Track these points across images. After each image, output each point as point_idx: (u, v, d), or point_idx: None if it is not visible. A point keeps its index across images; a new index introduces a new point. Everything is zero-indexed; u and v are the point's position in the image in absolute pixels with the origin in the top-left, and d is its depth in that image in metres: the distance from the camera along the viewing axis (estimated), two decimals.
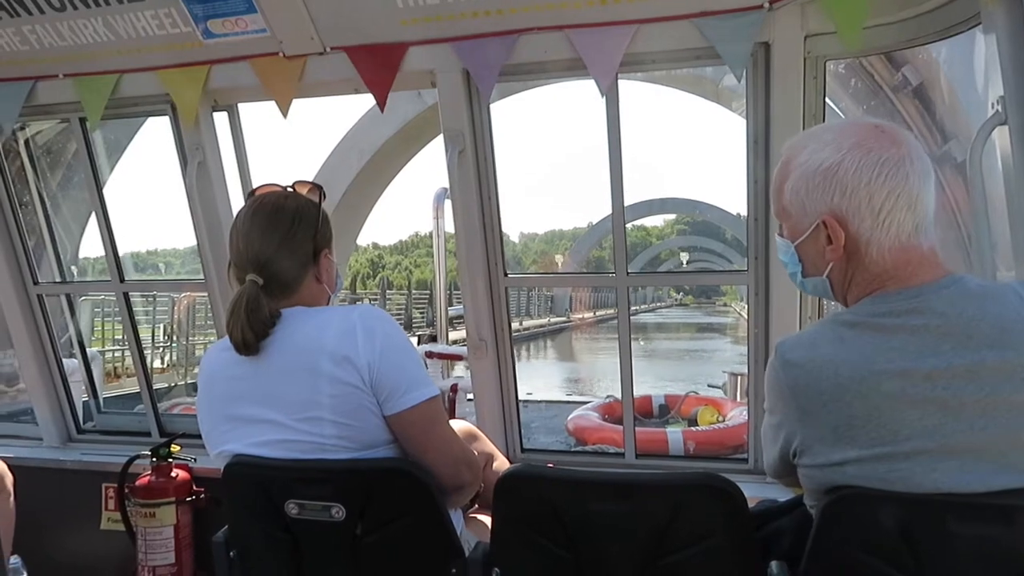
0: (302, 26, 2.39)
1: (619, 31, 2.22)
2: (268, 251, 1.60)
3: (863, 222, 1.28)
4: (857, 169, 1.27)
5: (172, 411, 4.77)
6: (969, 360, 1.18)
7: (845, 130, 1.33)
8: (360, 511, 1.47)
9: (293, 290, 1.62)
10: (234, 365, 1.57)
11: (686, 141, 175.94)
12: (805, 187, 1.32)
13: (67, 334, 3.69)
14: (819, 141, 1.33)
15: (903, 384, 1.19)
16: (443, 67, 2.41)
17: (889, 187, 1.26)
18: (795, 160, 1.35)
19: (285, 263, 1.61)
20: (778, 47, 2.17)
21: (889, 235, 1.27)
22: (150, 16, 2.47)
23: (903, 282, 1.27)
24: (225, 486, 1.57)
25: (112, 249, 3.08)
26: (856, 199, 1.27)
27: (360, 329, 1.51)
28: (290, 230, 1.63)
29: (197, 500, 2.83)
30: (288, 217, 1.64)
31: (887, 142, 1.29)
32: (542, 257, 75.20)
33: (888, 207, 1.26)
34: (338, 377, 1.49)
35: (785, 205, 1.38)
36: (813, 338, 1.29)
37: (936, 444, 1.18)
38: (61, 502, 3.14)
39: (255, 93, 2.67)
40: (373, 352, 1.51)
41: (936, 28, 2.05)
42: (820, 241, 1.33)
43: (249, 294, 1.55)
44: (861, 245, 1.29)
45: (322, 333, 1.52)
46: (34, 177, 3.51)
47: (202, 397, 1.66)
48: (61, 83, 2.76)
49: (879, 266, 1.29)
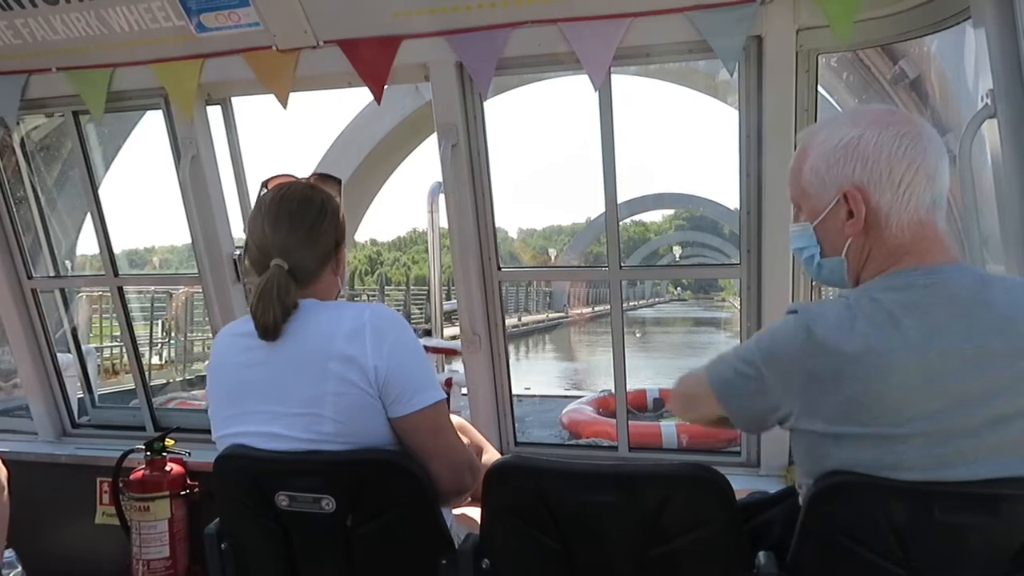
0: (295, 19, 2.39)
1: (612, 25, 2.23)
2: (293, 240, 1.61)
3: (883, 194, 1.30)
4: (878, 142, 1.30)
5: (167, 406, 4.78)
6: (976, 344, 1.19)
7: (861, 111, 1.38)
8: (351, 503, 1.48)
9: (311, 281, 1.63)
10: (246, 351, 1.58)
11: (684, 136, 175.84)
12: (826, 163, 1.34)
13: (62, 329, 3.68)
14: (836, 123, 1.37)
15: (916, 364, 1.19)
16: (436, 60, 2.42)
17: (910, 158, 1.28)
18: (813, 142, 1.38)
19: (309, 253, 1.62)
20: (770, 41, 2.18)
21: (909, 207, 1.29)
22: (143, 10, 2.47)
23: (919, 258, 1.30)
24: (216, 478, 1.58)
25: (106, 244, 3.08)
26: (877, 170, 1.30)
27: (370, 330, 1.51)
28: (316, 221, 1.64)
29: (191, 494, 2.83)
30: (315, 209, 1.66)
31: (903, 119, 1.32)
32: (541, 253, 75.10)
33: (908, 179, 1.29)
34: (344, 376, 1.49)
35: (804, 186, 1.39)
36: (838, 314, 1.26)
37: (935, 428, 1.19)
38: (56, 496, 3.14)
39: (249, 87, 2.67)
40: (381, 355, 1.51)
41: (927, 22, 2.06)
42: (840, 217, 1.34)
43: (279, 278, 1.56)
44: (881, 218, 1.31)
45: (333, 330, 1.52)
46: (28, 172, 3.50)
47: (211, 378, 1.66)
48: (54, 77, 2.76)
49: (897, 239, 1.31)
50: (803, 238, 1.43)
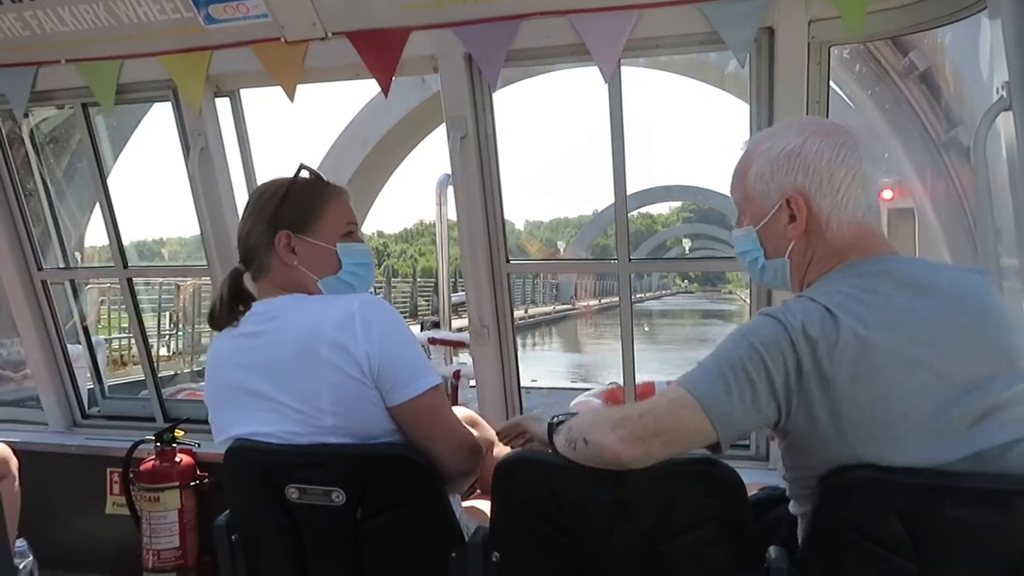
0: (304, 11, 2.38)
1: (622, 16, 2.21)
2: (242, 231, 1.68)
3: (824, 198, 1.38)
4: (819, 150, 1.38)
5: (176, 397, 4.79)
6: (939, 319, 1.26)
7: (804, 122, 1.46)
8: (360, 496, 1.48)
9: (264, 271, 1.65)
10: (240, 352, 1.58)
11: (692, 128, 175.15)
12: (770, 169, 1.41)
13: (71, 320, 3.70)
14: (780, 131, 1.45)
15: (895, 343, 1.23)
16: (445, 52, 2.41)
17: (847, 166, 1.37)
18: (758, 149, 1.44)
19: (253, 237, 1.66)
20: (782, 32, 2.16)
21: (847, 211, 1.37)
22: (151, 1, 2.46)
23: (863, 253, 1.36)
24: (226, 470, 1.58)
25: (116, 235, 3.09)
26: (818, 176, 1.37)
27: (359, 319, 1.50)
28: (253, 207, 1.68)
29: (201, 484, 2.85)
30: (250, 201, 1.71)
31: (844, 132, 1.41)
32: (548, 246, 74.99)
33: (847, 184, 1.37)
34: (337, 366, 1.48)
35: (748, 191, 1.46)
36: (811, 308, 1.27)
37: (927, 403, 1.21)
38: (66, 487, 3.17)
39: (257, 79, 2.67)
40: (371, 343, 1.49)
41: (941, 13, 2.04)
42: (783, 220, 1.41)
43: (229, 280, 1.65)
44: (822, 221, 1.38)
45: (321, 321, 1.51)
46: (38, 164, 3.52)
47: (209, 382, 1.67)
48: (63, 69, 2.77)
49: (840, 240, 1.38)
50: (747, 242, 1.49)
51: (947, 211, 5.56)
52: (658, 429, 1.27)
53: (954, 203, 5.38)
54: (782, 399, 1.26)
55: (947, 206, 5.51)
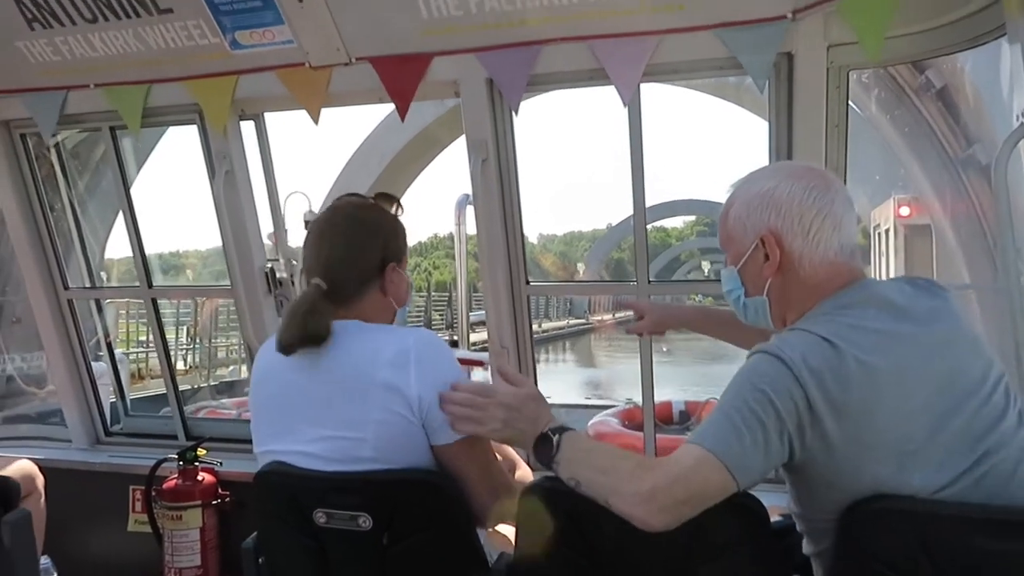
0: (328, 37, 2.43)
1: (642, 42, 2.24)
2: (335, 258, 1.62)
3: (795, 239, 1.45)
4: (790, 192, 1.45)
5: (197, 414, 4.83)
6: (926, 330, 1.33)
7: (780, 166, 1.57)
8: (387, 521, 1.49)
9: (353, 301, 1.63)
10: (290, 370, 1.58)
11: (706, 142, 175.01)
12: (746, 210, 1.50)
13: (95, 337, 3.75)
14: (758, 175, 1.53)
15: (895, 363, 1.28)
16: (467, 77, 2.44)
17: (817, 208, 1.44)
18: (738, 192, 1.54)
19: (349, 272, 1.63)
20: (801, 57, 2.17)
21: (819, 250, 1.44)
22: (179, 27, 2.51)
23: (842, 284, 1.43)
24: (255, 494, 1.60)
25: (140, 255, 3.14)
26: (789, 217, 1.45)
27: (414, 358, 1.51)
28: (357, 240, 1.65)
29: (223, 503, 2.87)
30: (358, 227, 1.66)
31: (816, 176, 1.48)
32: (562, 259, 74.87)
33: (817, 225, 1.44)
34: (387, 406, 1.50)
35: (729, 231, 1.54)
36: (808, 339, 1.32)
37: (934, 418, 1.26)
38: (90, 504, 3.19)
39: (282, 103, 2.71)
40: (424, 385, 1.51)
41: (961, 39, 2.04)
42: (759, 259, 1.49)
43: (311, 297, 1.57)
44: (795, 260, 1.45)
45: (376, 355, 1.52)
46: (64, 183, 3.57)
47: (255, 391, 1.67)
48: (92, 93, 2.82)
49: (813, 279, 1.45)
50: (730, 280, 1.57)
51: (965, 228, 5.53)
52: (687, 496, 1.27)
53: (972, 221, 5.35)
54: (795, 435, 1.27)
55: (965, 223, 5.48)
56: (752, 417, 1.26)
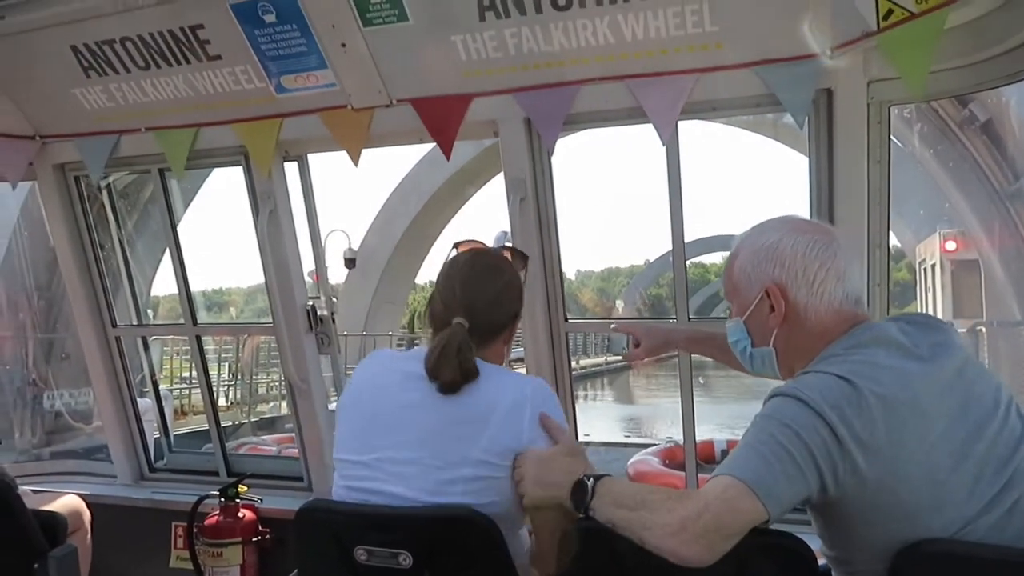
0: (370, 80, 2.48)
1: (680, 81, 2.25)
2: (481, 302, 1.67)
3: (799, 290, 1.49)
4: (794, 245, 1.50)
5: (238, 451, 4.88)
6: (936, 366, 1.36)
7: (785, 220, 1.59)
8: (427, 559, 1.48)
9: (488, 345, 1.68)
10: (407, 390, 1.59)
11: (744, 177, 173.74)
12: (751, 263, 1.54)
13: (141, 373, 3.82)
14: (763, 229, 1.57)
15: (913, 398, 1.30)
16: (505, 117, 2.47)
17: (820, 260, 1.49)
18: (743, 244, 1.58)
19: (491, 317, 1.68)
20: (841, 93, 2.17)
21: (823, 300, 1.48)
22: (227, 73, 2.60)
23: (845, 330, 1.46)
24: (297, 530, 1.60)
25: (186, 293, 3.20)
26: (793, 270, 1.49)
27: (529, 409, 1.55)
28: (503, 289, 1.71)
29: (263, 540, 2.88)
30: (505, 278, 1.74)
31: (820, 231, 1.54)
32: (600, 295, 74.65)
33: (821, 277, 1.48)
34: (488, 460, 1.52)
35: (735, 283, 1.58)
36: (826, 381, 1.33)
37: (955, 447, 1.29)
38: (133, 539, 3.23)
39: (324, 144, 2.77)
40: (534, 436, 1.55)
41: (1004, 73, 2.02)
42: (764, 310, 1.52)
43: (461, 336, 1.59)
44: (800, 310, 1.49)
45: (495, 401, 1.55)
46: (114, 222, 3.67)
47: (352, 397, 1.67)
48: (142, 136, 2.92)
49: (819, 327, 1.48)
50: (736, 331, 1.60)
51: (1016, 263, 5.41)
52: (717, 525, 1.25)
53: (1022, 255, 5.24)
54: (826, 470, 1.27)
55: (1015, 258, 5.37)
56: (780, 448, 1.28)
